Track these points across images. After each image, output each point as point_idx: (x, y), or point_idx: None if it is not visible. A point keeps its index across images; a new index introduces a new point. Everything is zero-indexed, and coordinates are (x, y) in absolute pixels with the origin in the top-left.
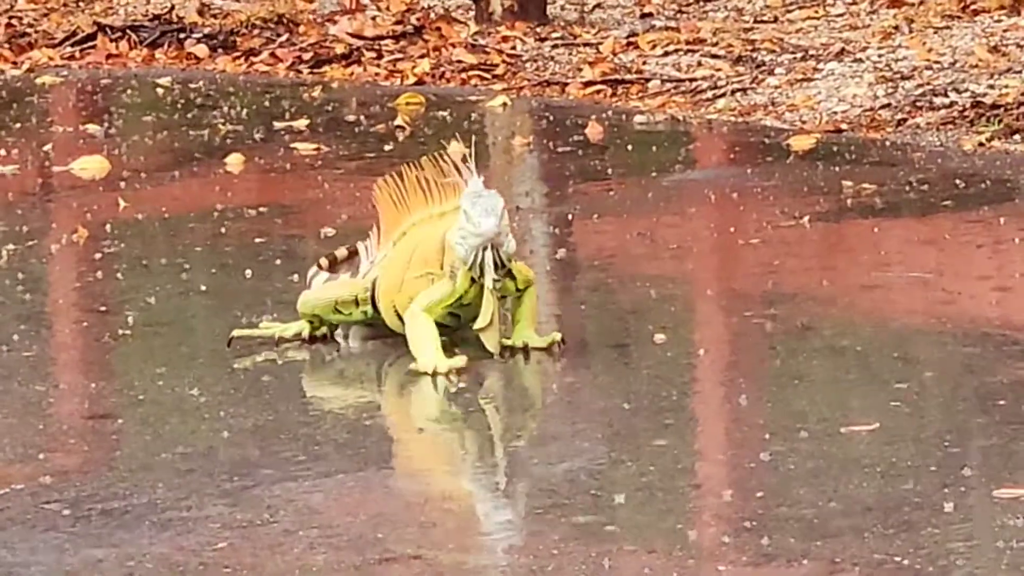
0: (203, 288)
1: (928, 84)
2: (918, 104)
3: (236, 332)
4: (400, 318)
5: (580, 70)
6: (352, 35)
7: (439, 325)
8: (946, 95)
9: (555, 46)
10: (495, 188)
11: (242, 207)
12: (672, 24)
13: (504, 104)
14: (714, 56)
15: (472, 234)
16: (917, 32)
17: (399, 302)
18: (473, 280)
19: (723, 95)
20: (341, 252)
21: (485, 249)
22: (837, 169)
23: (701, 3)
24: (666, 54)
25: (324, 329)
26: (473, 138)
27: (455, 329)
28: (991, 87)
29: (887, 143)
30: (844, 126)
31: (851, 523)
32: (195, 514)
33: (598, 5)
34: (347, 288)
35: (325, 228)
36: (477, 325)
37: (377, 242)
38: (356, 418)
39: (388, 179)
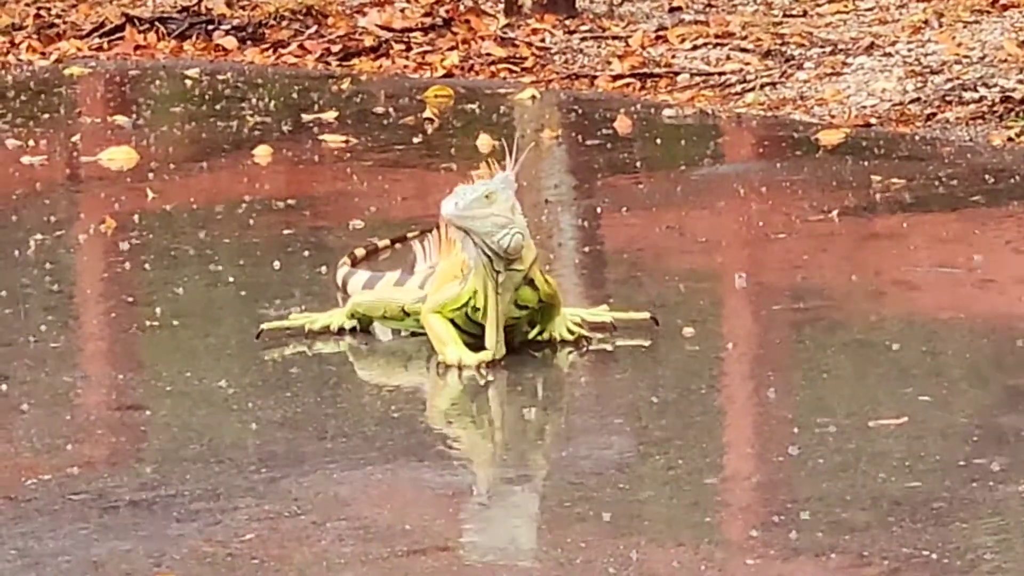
0: (231, 280)
1: (957, 79)
2: (947, 99)
3: (265, 325)
4: None
5: (609, 63)
6: (381, 27)
7: (464, 331)
8: (975, 90)
9: (584, 39)
10: (524, 181)
11: (270, 199)
12: (701, 18)
13: (533, 97)
14: (743, 50)
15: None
16: (947, 26)
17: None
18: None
19: (752, 89)
20: (379, 243)
21: (466, 237)
22: (866, 164)
23: None
24: (695, 48)
25: (354, 322)
26: (515, 135)
27: (473, 338)
28: (1020, 82)
29: (916, 138)
30: (873, 120)
31: (879, 517)
32: (223, 505)
33: None
34: (398, 297)
35: (353, 220)
36: (481, 318)
37: (439, 248)
38: (384, 410)
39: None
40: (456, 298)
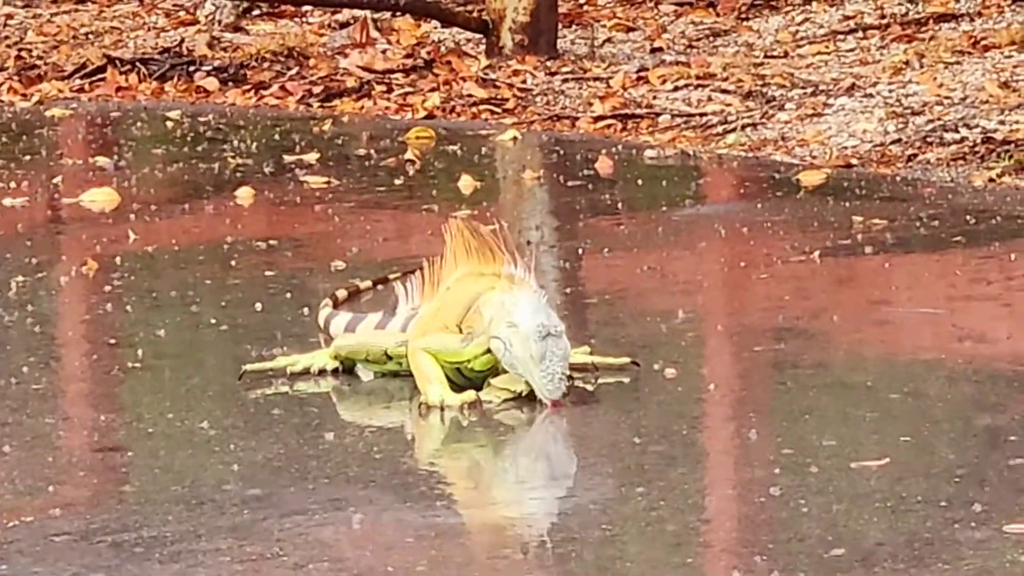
0: (213, 321)
1: (939, 119)
2: (928, 140)
3: (248, 367)
4: None
5: (590, 104)
6: (362, 68)
7: (449, 379)
8: (956, 131)
9: (565, 80)
10: (505, 222)
11: (252, 240)
12: (682, 59)
13: (514, 138)
14: (724, 91)
15: (528, 367)
16: (927, 67)
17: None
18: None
19: (733, 130)
20: (360, 285)
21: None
22: (847, 204)
23: (711, 38)
24: (676, 89)
25: (336, 363)
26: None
27: (460, 387)
28: (1002, 123)
29: (897, 178)
30: (854, 161)
31: (861, 558)
32: (205, 547)
33: (608, 40)
34: (380, 341)
35: (335, 262)
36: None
37: (421, 290)
38: (367, 451)
39: (459, 227)
40: (456, 353)
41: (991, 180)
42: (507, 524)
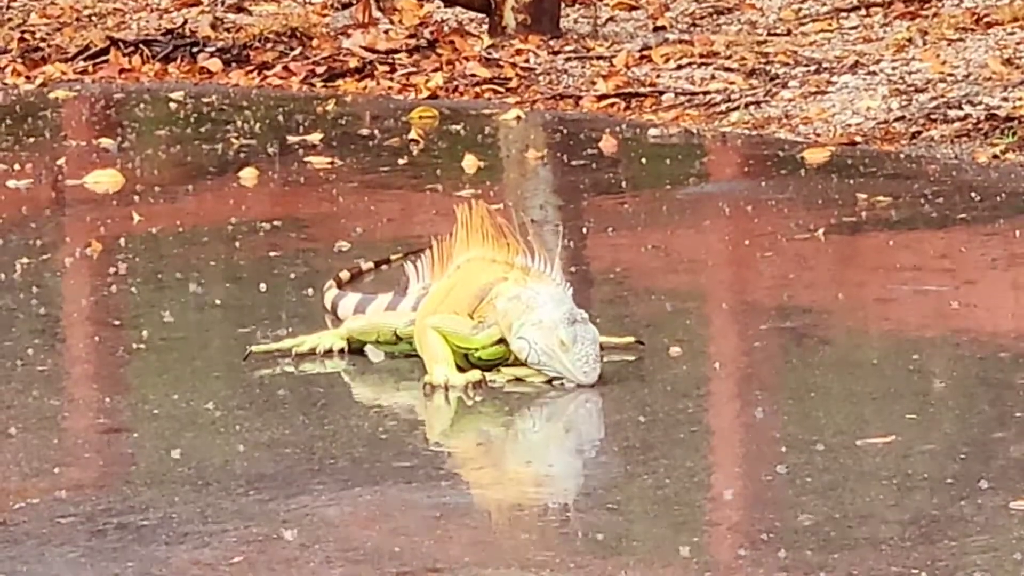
0: (217, 302)
1: (942, 97)
2: (932, 117)
3: (254, 347)
4: None
5: (594, 83)
6: (365, 49)
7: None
8: (960, 108)
9: (568, 59)
10: (509, 201)
11: (256, 221)
12: (685, 37)
13: (518, 117)
14: (728, 69)
15: (559, 358)
16: (931, 45)
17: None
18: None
19: (737, 108)
20: (363, 266)
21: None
22: (851, 182)
23: (714, 16)
24: (679, 67)
25: (343, 343)
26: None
27: (463, 369)
28: (1005, 99)
29: (901, 156)
30: (858, 139)
31: (868, 536)
32: (211, 528)
33: (611, 18)
34: (391, 321)
35: (339, 242)
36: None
37: (431, 269)
38: (372, 431)
39: (470, 207)
40: (466, 339)
41: (995, 157)
42: (513, 504)
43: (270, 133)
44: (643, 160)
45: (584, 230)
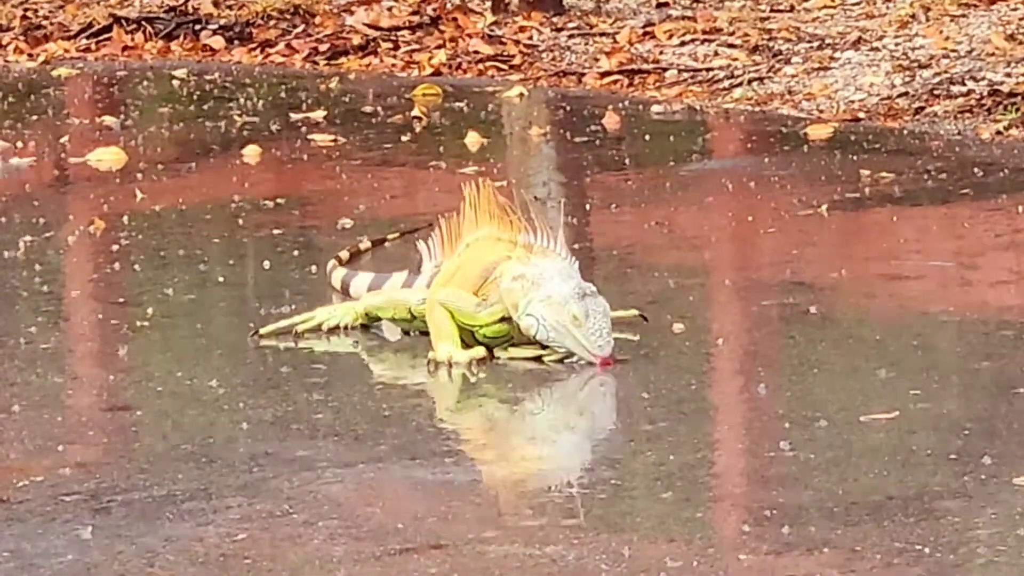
0: (220, 279)
1: (945, 72)
2: (935, 92)
3: (263, 329)
4: None
5: (597, 60)
6: (368, 26)
7: (462, 340)
8: (963, 83)
9: (571, 36)
10: (512, 178)
11: (259, 198)
12: (688, 14)
13: (521, 95)
14: (731, 45)
15: (571, 333)
16: (934, 20)
17: None
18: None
19: (740, 84)
20: (363, 244)
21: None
22: (855, 158)
23: None
24: (683, 44)
25: (348, 319)
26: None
27: (468, 346)
28: (1008, 75)
29: (904, 132)
30: (861, 115)
31: (871, 511)
32: (215, 505)
33: None
34: (407, 297)
35: (342, 219)
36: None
37: (442, 247)
38: (375, 408)
39: (478, 185)
40: (471, 316)
41: (998, 133)
42: (517, 480)
43: (273, 111)
44: (646, 137)
45: (587, 207)
